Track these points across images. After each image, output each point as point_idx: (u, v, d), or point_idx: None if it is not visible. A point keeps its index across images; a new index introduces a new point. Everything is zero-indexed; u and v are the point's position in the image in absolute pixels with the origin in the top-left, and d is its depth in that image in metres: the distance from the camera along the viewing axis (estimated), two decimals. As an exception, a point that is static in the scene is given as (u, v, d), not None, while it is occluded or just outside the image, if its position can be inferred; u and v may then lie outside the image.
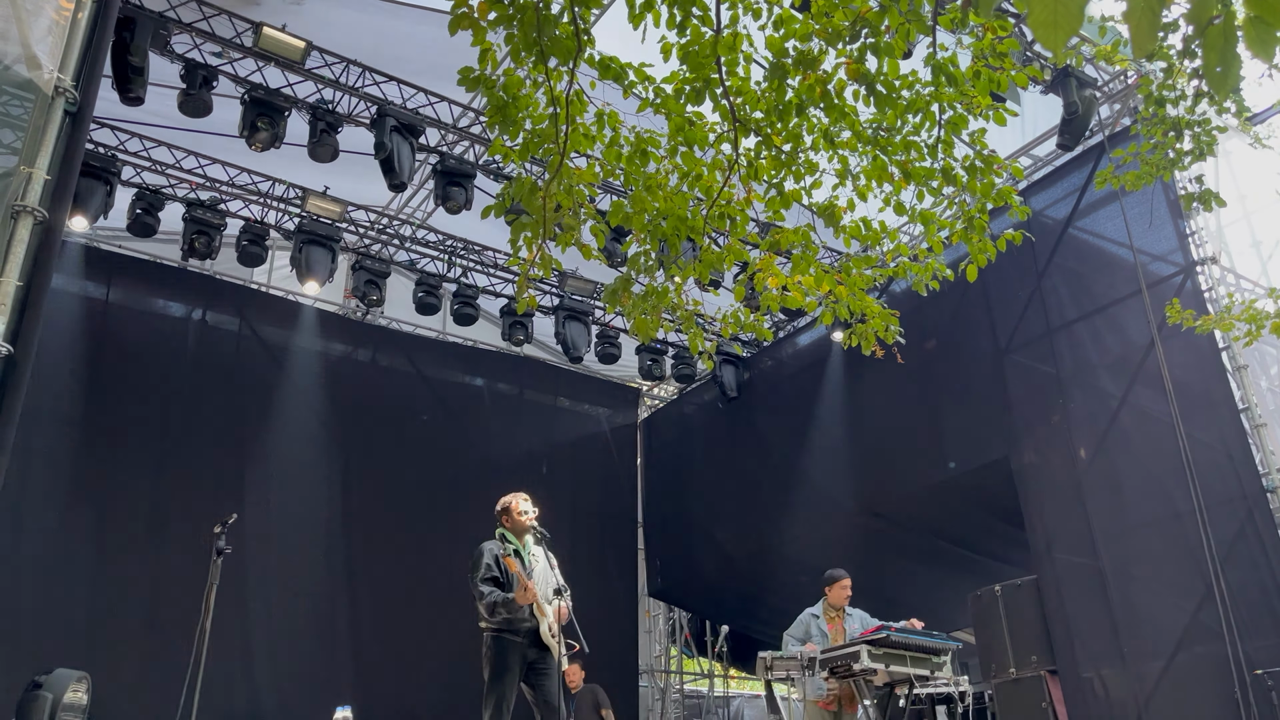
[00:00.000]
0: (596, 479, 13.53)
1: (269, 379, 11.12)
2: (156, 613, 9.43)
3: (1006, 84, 4.10)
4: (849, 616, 7.37)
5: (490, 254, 11.39)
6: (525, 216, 4.45)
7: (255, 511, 10.02)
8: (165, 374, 10.45)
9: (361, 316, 12.37)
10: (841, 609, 7.39)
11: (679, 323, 5.26)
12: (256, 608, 10.15)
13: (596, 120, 4.36)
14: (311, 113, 8.59)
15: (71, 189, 3.86)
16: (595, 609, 6.16)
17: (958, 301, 9.49)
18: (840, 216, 4.57)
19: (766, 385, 12.58)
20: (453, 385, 12.79)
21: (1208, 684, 6.92)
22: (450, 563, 9.62)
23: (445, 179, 9.18)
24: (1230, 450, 7.26)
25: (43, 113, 3.62)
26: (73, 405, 9.60)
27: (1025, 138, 9.76)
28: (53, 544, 9.15)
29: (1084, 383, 8.39)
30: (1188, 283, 7.74)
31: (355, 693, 9.50)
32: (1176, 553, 7.34)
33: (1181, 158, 4.19)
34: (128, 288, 10.57)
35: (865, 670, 6.00)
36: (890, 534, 10.63)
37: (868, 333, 5.09)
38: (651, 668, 13.95)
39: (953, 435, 9.51)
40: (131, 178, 9.52)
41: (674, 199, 4.53)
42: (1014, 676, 7.79)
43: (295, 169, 9.75)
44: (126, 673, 8.83)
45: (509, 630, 5.72)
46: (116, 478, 9.80)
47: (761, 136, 4.18)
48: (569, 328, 11.27)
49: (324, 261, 9.82)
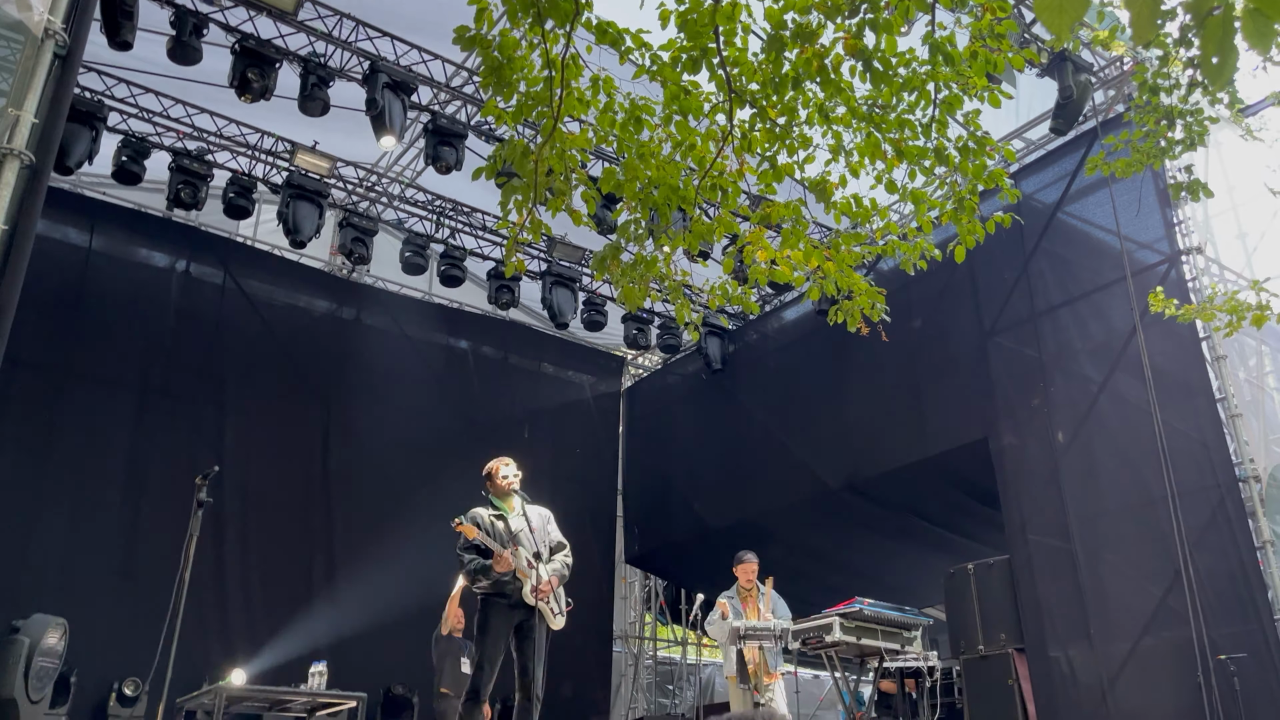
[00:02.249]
0: (578, 445, 13.56)
1: (252, 333, 11.06)
2: (133, 563, 9.44)
3: (1003, 65, 4.09)
4: (763, 595, 7.71)
5: (479, 216, 11.34)
6: (516, 179, 4.43)
7: (234, 465, 10.00)
8: (146, 325, 10.37)
9: (347, 274, 12.30)
10: (753, 588, 7.73)
11: (666, 293, 5.26)
12: (233, 562, 10.17)
13: (592, 85, 4.34)
14: (303, 66, 8.49)
15: (59, 134, 3.81)
16: (572, 574, 6.21)
17: (944, 283, 9.52)
18: (832, 192, 4.57)
19: (751, 358, 12.61)
20: (437, 347, 12.76)
21: (1172, 667, 7.04)
22: (429, 522, 9.63)
23: (436, 138, 9.10)
24: (1206, 439, 7.34)
25: (32, 55, 3.56)
26: (50, 352, 9.52)
27: (1018, 121, 9.76)
28: (27, 492, 9.12)
29: (1065, 367, 8.46)
30: (1172, 272, 7.79)
31: (330, 649, 9.54)
32: (1148, 538, 7.44)
33: (1173, 146, 4.21)
34: (111, 236, 10.46)
35: (837, 643, 6.09)
36: (868, 510, 10.72)
37: (854, 309, 5.11)
38: (626, 634, 14.07)
39: (933, 415, 9.57)
40: (118, 124, 9.40)
41: (666, 168, 4.52)
42: (982, 653, 7.90)
43: (284, 122, 9.65)
44: (102, 622, 8.83)
45: (497, 593, 5.79)
46: (94, 427, 9.75)
47: (757, 109, 4.16)
48: (556, 293, 11.25)
49: (311, 217, 9.75)
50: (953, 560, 8.87)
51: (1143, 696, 7.24)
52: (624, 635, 14.01)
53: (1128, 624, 7.45)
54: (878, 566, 11.64)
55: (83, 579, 9.09)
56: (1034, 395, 8.57)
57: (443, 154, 9.07)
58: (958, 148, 4.37)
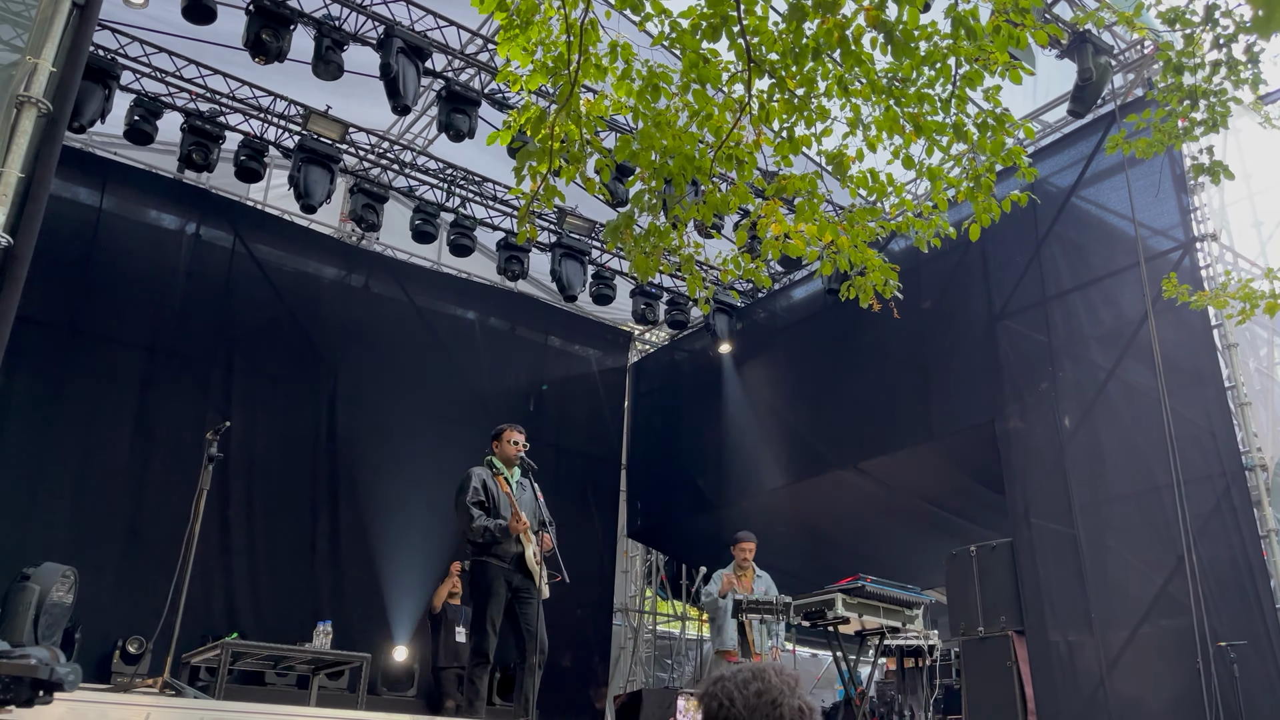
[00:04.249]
0: (583, 419, 13.58)
1: (260, 297, 11.06)
2: (139, 523, 9.49)
3: (1025, 41, 4.05)
4: (758, 577, 7.83)
5: (490, 186, 11.30)
6: (531, 145, 4.41)
7: (241, 427, 10.02)
8: (156, 286, 10.37)
9: (357, 241, 12.29)
10: (749, 568, 7.84)
11: (678, 265, 5.25)
12: (239, 522, 10.22)
13: (610, 52, 4.31)
14: (317, 28, 8.44)
15: (76, 83, 3.79)
16: (574, 546, 6.26)
17: (955, 264, 9.49)
18: (848, 166, 4.55)
19: (759, 337, 12.59)
20: (445, 316, 12.76)
21: (1172, 654, 7.06)
22: (433, 489, 9.71)
23: (450, 104, 9.05)
24: (1214, 427, 7.32)
25: (50, 3, 3.54)
26: (60, 311, 9.54)
27: (1035, 103, 9.68)
28: (36, 450, 9.16)
29: (1074, 353, 8.43)
30: (1185, 259, 7.75)
31: (335, 610, 9.61)
32: (1152, 525, 7.44)
33: (1194, 127, 4.17)
34: (122, 196, 10.44)
35: (839, 618, 6.11)
36: (872, 491, 10.73)
37: (866, 285, 5.09)
38: (626, 607, 14.14)
39: (940, 397, 9.56)
40: (130, 83, 9.37)
41: (682, 137, 4.49)
42: (981, 635, 7.93)
43: (297, 86, 9.62)
44: (107, 580, 8.90)
45: (495, 556, 5.79)
46: (102, 386, 9.77)
47: (776, 79, 4.13)
48: (565, 266, 11.22)
49: (322, 182, 9.72)
50: (955, 543, 8.89)
51: (1141, 682, 7.26)
52: (624, 609, 14.08)
53: (1128, 610, 7.46)
54: (880, 547, 11.65)
55: (89, 538, 9.13)
56: (1042, 380, 8.55)
57: (455, 121, 9.02)
58: (976, 124, 4.34)
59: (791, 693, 1.77)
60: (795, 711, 1.75)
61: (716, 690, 1.80)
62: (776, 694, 1.75)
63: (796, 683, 1.80)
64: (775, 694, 1.75)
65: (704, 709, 1.80)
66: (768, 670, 1.79)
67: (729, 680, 1.80)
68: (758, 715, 1.74)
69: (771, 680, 1.77)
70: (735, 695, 1.76)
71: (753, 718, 1.73)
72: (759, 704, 1.75)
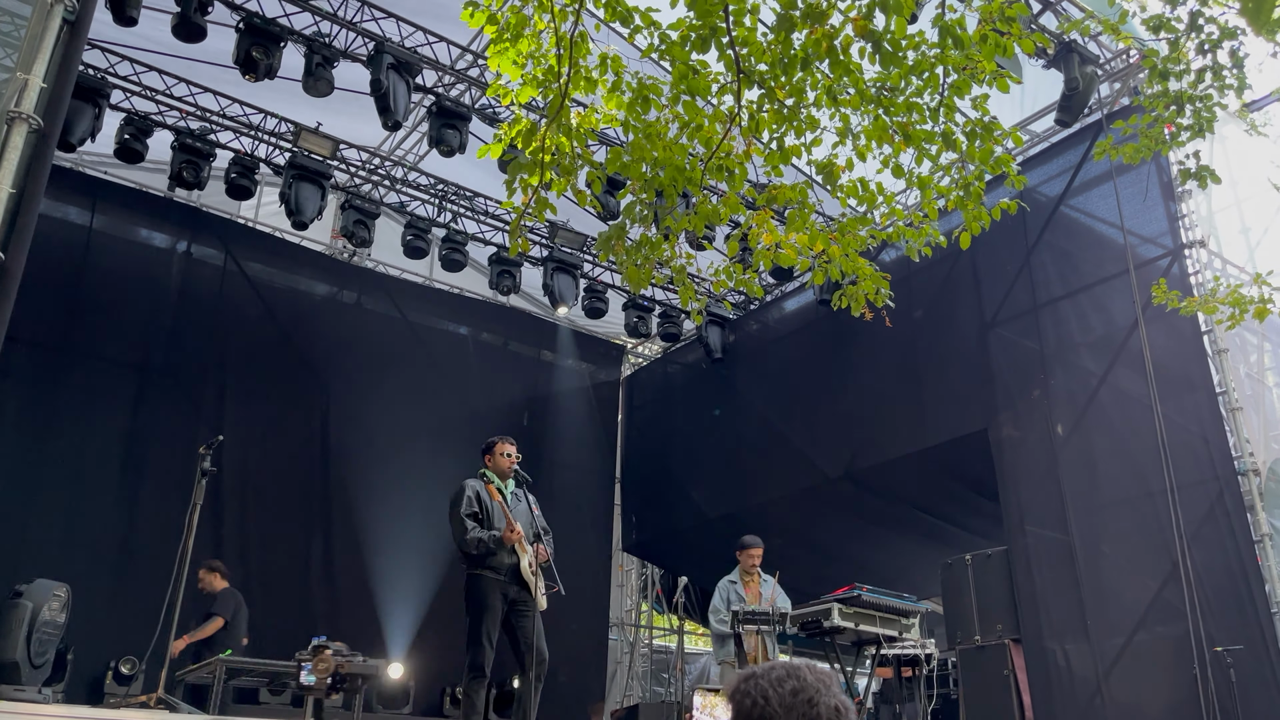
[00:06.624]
0: (577, 433, 13.55)
1: (252, 314, 11.04)
2: (130, 544, 9.43)
3: (1012, 50, 4.08)
4: (765, 582, 7.77)
5: (481, 201, 11.31)
6: (522, 157, 4.42)
7: (234, 445, 9.97)
8: (147, 304, 10.34)
9: (348, 257, 12.29)
10: (755, 574, 7.79)
11: (669, 278, 5.27)
12: (232, 540, 10.16)
13: (600, 64, 4.33)
14: (308, 45, 8.46)
15: (67, 99, 3.79)
16: (569, 561, 6.21)
17: (946, 273, 9.53)
18: (838, 175, 4.57)
19: (751, 348, 12.61)
20: (437, 332, 12.75)
21: (1168, 660, 7.05)
22: (427, 506, 9.66)
23: (440, 120, 9.08)
24: (1205, 433, 7.34)
25: (41, 19, 3.54)
26: (50, 331, 9.50)
27: (1023, 112, 9.75)
28: (26, 470, 9.10)
29: (1066, 360, 8.46)
30: (1174, 266, 7.79)
31: (329, 626, 9.54)
32: (1146, 531, 7.45)
33: (1180, 132, 4.21)
34: (112, 215, 10.43)
35: (835, 628, 6.10)
36: (866, 500, 10.73)
37: (858, 294, 5.11)
38: (622, 621, 14.09)
39: (933, 406, 9.57)
40: (120, 102, 9.37)
41: (673, 149, 4.51)
42: (978, 643, 7.92)
43: (288, 103, 9.63)
44: (99, 601, 8.82)
45: (489, 568, 5.76)
46: (94, 405, 9.72)
47: (765, 89, 4.15)
48: (557, 280, 11.23)
49: (313, 199, 9.72)
50: (950, 552, 8.88)
51: (1138, 689, 7.26)
52: (620, 623, 14.03)
53: (1124, 616, 7.46)
54: (875, 557, 11.65)
55: (80, 558, 9.06)
56: (1034, 387, 8.57)
57: (446, 137, 9.05)
58: (965, 133, 4.36)
59: (827, 690, 1.74)
60: (831, 710, 1.72)
61: (750, 688, 1.76)
62: (813, 692, 1.73)
63: (832, 680, 1.77)
64: (811, 692, 1.73)
65: (736, 707, 1.76)
66: (802, 668, 1.77)
67: (762, 678, 1.76)
68: (794, 714, 1.71)
69: (807, 678, 1.75)
70: (770, 693, 1.73)
71: (789, 716, 1.71)
72: (795, 702, 1.72)
